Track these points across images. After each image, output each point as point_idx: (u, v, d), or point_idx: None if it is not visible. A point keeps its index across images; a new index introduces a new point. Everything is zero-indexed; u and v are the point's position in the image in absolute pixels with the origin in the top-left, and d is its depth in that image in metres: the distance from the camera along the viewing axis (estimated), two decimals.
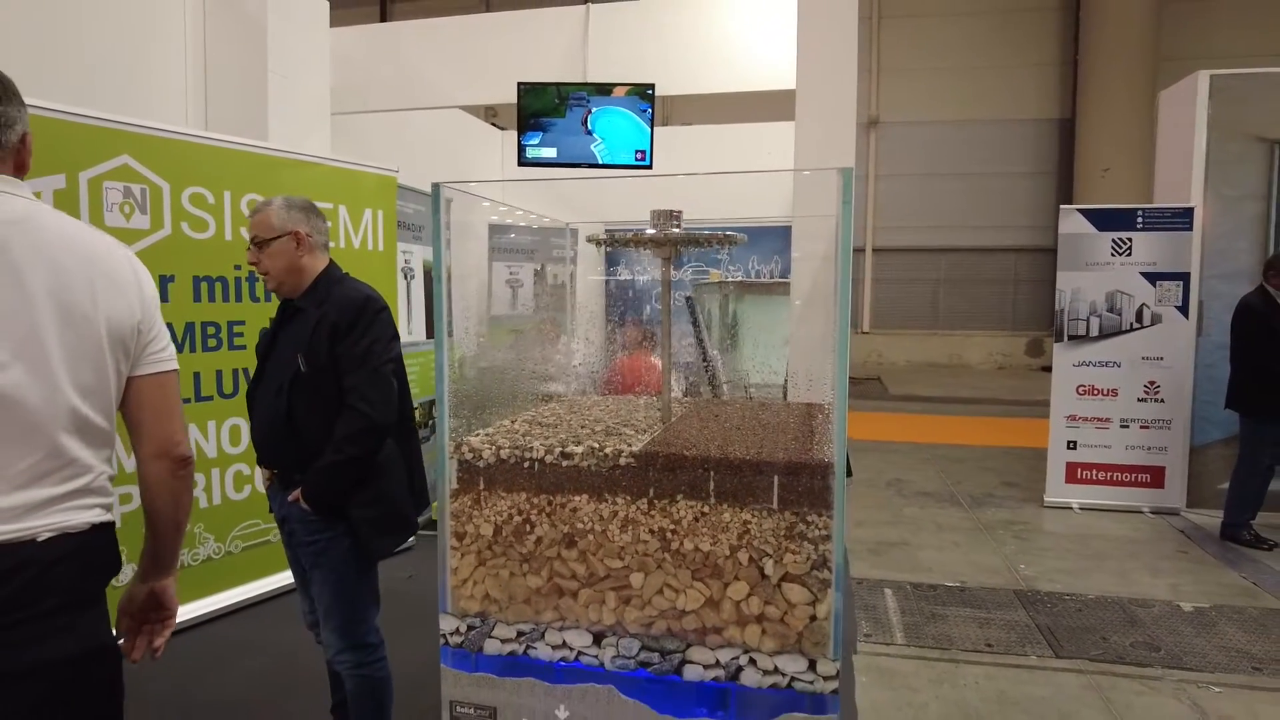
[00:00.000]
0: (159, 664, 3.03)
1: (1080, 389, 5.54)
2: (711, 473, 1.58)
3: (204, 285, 3.59)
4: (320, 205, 2.38)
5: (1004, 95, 15.34)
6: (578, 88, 4.84)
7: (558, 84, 4.89)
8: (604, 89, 4.78)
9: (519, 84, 4.90)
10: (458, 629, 1.76)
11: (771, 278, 6.76)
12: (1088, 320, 5.51)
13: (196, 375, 3.58)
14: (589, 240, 2.04)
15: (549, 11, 5.53)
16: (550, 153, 4.95)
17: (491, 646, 1.72)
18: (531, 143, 4.96)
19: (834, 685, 1.54)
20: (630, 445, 1.67)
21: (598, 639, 1.64)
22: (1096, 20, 14.14)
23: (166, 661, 3.16)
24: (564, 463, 1.65)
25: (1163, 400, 5.42)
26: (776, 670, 1.55)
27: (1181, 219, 5.37)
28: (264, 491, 3.75)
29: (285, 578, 3.95)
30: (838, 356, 1.50)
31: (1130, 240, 5.42)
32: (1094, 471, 5.55)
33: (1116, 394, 5.49)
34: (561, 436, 1.76)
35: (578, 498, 1.64)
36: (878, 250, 16.13)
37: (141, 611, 1.50)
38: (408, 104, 5.83)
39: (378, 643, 2.30)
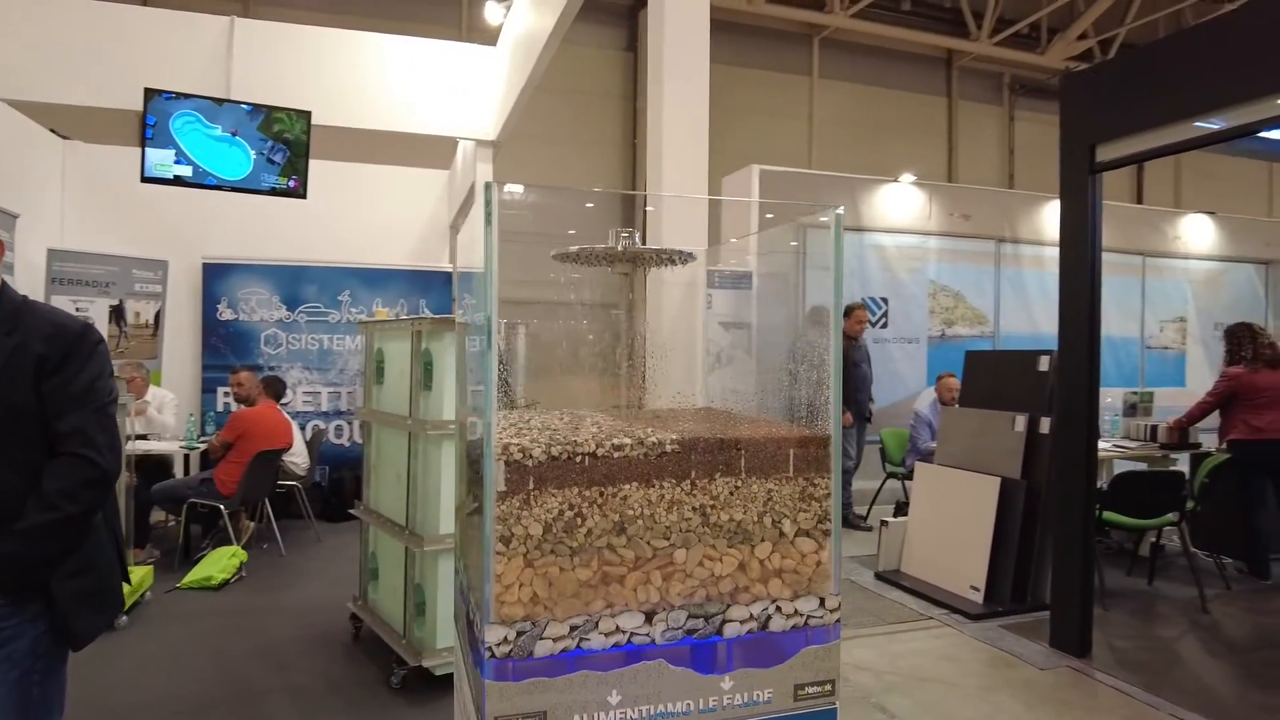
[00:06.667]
0: None
1: None
2: (743, 451, 1.86)
3: None
4: None
5: (580, 167, 17.44)
6: (222, 103, 4.32)
7: (199, 96, 4.30)
8: (255, 110, 4.36)
9: (146, 89, 4.19)
10: (505, 638, 1.68)
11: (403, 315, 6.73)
12: None
13: None
14: (554, 257, 2.05)
15: (190, 16, 4.83)
16: (185, 171, 4.32)
17: (543, 648, 1.70)
18: (161, 160, 4.25)
19: (838, 616, 1.90)
20: (671, 434, 1.87)
21: (649, 617, 1.78)
22: (648, 112, 17.06)
23: None
24: (615, 454, 1.77)
25: None
26: (797, 612, 1.87)
27: (744, 280, 6.83)
28: None
29: None
30: (833, 371, 1.95)
31: (711, 295, 6.71)
32: None
33: None
34: (593, 434, 1.85)
35: (627, 486, 1.78)
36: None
37: None
38: None
39: None
